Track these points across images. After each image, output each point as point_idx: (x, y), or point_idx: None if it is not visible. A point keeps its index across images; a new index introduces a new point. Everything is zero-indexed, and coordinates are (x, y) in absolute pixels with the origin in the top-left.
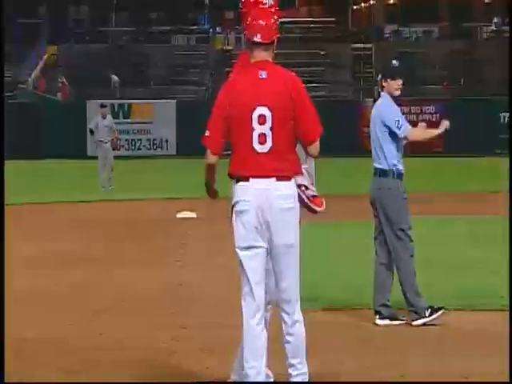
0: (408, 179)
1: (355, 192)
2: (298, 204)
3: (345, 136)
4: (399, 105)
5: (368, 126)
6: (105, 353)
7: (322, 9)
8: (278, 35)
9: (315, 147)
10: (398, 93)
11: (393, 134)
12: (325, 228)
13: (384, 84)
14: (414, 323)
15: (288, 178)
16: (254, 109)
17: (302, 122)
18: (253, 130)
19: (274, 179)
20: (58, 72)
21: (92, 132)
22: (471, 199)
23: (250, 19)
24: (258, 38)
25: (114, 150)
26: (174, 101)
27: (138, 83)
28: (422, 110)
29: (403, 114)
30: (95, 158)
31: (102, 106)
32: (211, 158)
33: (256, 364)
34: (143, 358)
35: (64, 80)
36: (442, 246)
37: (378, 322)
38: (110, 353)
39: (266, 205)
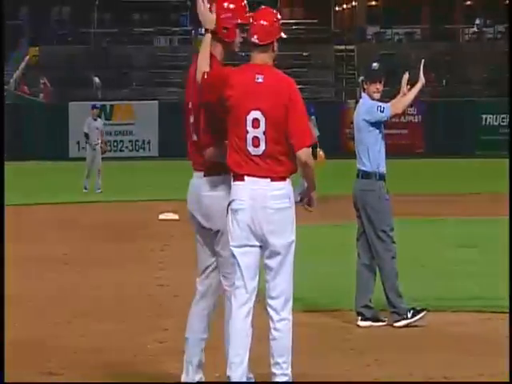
0: (389, 180)
1: (338, 193)
2: (293, 203)
3: (327, 137)
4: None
5: (350, 128)
6: (89, 354)
7: (303, 10)
8: (278, 35)
9: (304, 153)
10: (376, 96)
11: (380, 128)
12: (308, 229)
13: (365, 86)
14: (396, 324)
15: (283, 179)
16: (249, 112)
17: (294, 128)
18: (247, 132)
19: (268, 180)
20: (40, 73)
21: (87, 136)
22: (452, 200)
23: (252, 20)
24: (254, 39)
25: (103, 153)
26: (157, 102)
27: (120, 84)
28: (403, 111)
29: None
30: (77, 159)
31: (94, 107)
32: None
33: (241, 352)
34: (128, 359)
35: (46, 81)
36: (422, 247)
37: (360, 323)
38: (94, 354)
39: (261, 205)
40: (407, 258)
